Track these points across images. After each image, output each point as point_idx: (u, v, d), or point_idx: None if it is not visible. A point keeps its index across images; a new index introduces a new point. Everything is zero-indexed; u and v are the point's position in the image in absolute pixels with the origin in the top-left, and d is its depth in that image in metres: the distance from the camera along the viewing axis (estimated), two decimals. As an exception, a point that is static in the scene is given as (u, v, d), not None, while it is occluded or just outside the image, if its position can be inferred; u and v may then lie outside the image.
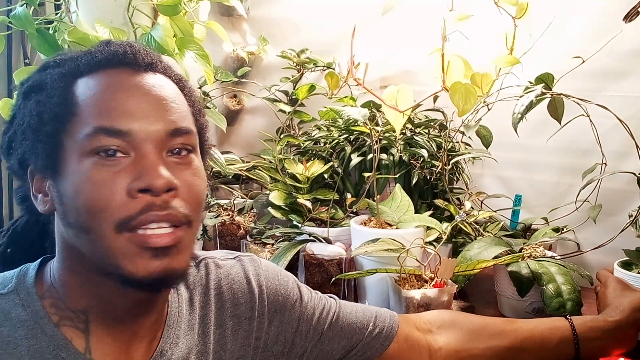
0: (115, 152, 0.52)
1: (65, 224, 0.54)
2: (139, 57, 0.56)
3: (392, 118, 1.05)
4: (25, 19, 0.91)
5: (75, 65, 0.54)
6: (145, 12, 1.05)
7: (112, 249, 0.51)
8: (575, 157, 1.25)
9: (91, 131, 0.51)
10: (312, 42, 1.50)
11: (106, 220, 0.51)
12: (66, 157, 0.52)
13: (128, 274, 0.52)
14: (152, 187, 0.51)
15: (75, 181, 0.51)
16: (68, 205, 0.52)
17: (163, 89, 0.56)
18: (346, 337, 0.73)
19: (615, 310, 0.80)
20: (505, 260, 0.96)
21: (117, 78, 0.54)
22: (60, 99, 0.53)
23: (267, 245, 1.17)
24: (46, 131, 0.53)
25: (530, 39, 1.04)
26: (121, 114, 0.52)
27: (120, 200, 0.51)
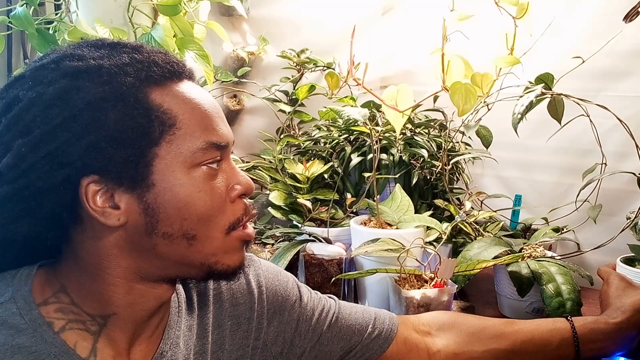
0: (219, 162, 0.56)
1: (150, 234, 0.54)
2: (187, 68, 0.58)
3: (392, 118, 1.05)
4: (25, 19, 0.91)
5: (145, 77, 0.53)
6: (145, 12, 1.05)
7: (219, 249, 0.57)
8: (575, 157, 1.25)
9: (204, 145, 0.54)
10: (312, 42, 1.50)
11: (218, 224, 0.56)
12: (162, 168, 0.53)
13: (226, 267, 0.58)
14: (248, 192, 0.59)
15: (186, 192, 0.54)
16: (168, 216, 0.53)
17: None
18: (345, 339, 0.73)
19: (617, 312, 0.78)
20: (505, 260, 0.96)
21: (194, 91, 0.56)
22: (146, 113, 0.52)
23: (267, 245, 1.17)
24: (135, 145, 0.52)
25: (531, 39, 1.04)
26: (219, 128, 0.56)
27: (226, 206, 0.57)
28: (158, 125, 0.52)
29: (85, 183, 0.51)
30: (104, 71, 0.52)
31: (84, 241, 0.54)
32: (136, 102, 0.52)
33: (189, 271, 0.57)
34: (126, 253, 0.55)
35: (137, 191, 0.53)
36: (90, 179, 0.51)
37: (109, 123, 0.51)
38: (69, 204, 0.52)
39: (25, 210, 0.52)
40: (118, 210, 0.53)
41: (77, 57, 0.53)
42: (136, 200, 0.53)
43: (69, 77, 0.52)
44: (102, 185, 0.52)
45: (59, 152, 0.50)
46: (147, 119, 0.52)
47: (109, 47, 0.55)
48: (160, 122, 0.53)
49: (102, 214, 0.52)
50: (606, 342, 0.76)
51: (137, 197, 0.53)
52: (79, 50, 0.54)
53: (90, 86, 0.51)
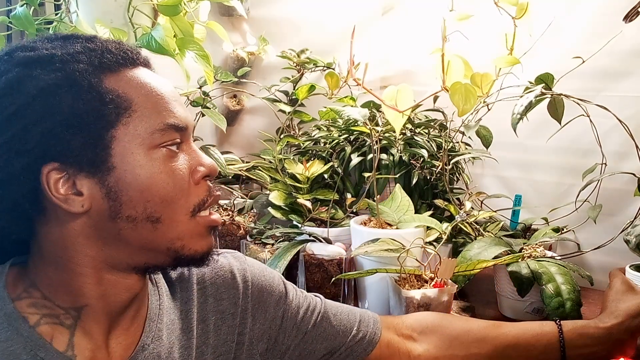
0: (179, 145, 0.57)
1: (114, 218, 0.54)
2: (142, 56, 0.59)
3: (392, 118, 1.05)
4: (25, 19, 0.91)
5: (99, 63, 0.54)
6: (146, 12, 1.05)
7: (184, 232, 0.57)
8: (575, 157, 1.25)
9: (162, 127, 0.55)
10: (312, 42, 1.50)
11: (182, 207, 0.56)
12: (120, 150, 0.53)
13: (194, 252, 0.58)
14: (212, 174, 0.59)
15: (147, 174, 0.54)
16: (130, 198, 0.53)
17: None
18: (329, 339, 0.73)
19: (610, 316, 0.76)
20: (505, 260, 0.96)
21: (149, 76, 0.57)
22: (99, 97, 0.53)
23: (267, 245, 1.17)
24: (92, 129, 0.52)
25: (530, 39, 1.04)
26: (177, 111, 0.57)
27: (190, 187, 0.57)
28: (113, 108, 0.53)
29: (46, 171, 0.52)
30: (56, 59, 0.53)
31: (49, 232, 0.55)
32: (90, 87, 0.53)
33: (156, 257, 0.57)
34: (92, 241, 0.55)
35: (98, 175, 0.53)
36: (50, 167, 0.52)
37: (64, 108, 0.51)
38: (31, 194, 0.52)
39: (13, 204, 0.52)
40: (81, 197, 0.53)
41: (29, 48, 0.54)
42: (98, 185, 0.53)
43: (21, 66, 0.52)
44: (63, 172, 0.52)
45: (16, 141, 0.51)
46: (102, 103, 0.53)
47: (62, 39, 0.56)
48: (115, 105, 0.53)
49: (65, 201, 0.52)
50: (595, 346, 0.75)
51: (99, 182, 0.53)
52: (32, 42, 0.55)
53: (43, 73, 0.52)
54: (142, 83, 0.56)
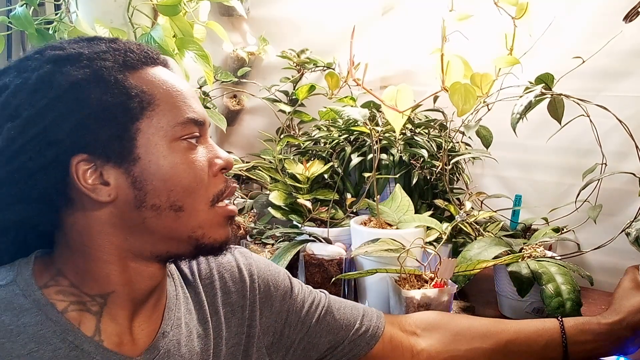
0: (197, 139, 0.60)
1: (140, 207, 0.56)
2: (161, 56, 0.62)
3: (392, 118, 1.05)
4: (25, 19, 0.91)
5: (123, 61, 0.57)
6: (145, 12, 1.05)
7: (205, 221, 0.59)
8: (575, 157, 1.25)
9: (183, 120, 0.58)
10: (312, 42, 1.50)
11: (202, 196, 0.59)
12: (144, 142, 0.56)
13: (213, 241, 0.60)
14: (229, 167, 0.62)
15: (170, 164, 0.57)
16: (155, 187, 0.56)
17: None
18: (333, 332, 0.75)
19: (612, 313, 0.77)
20: (505, 260, 0.96)
21: (168, 74, 0.61)
22: (124, 91, 0.56)
23: (267, 245, 1.17)
24: (119, 121, 0.55)
25: (530, 39, 1.04)
26: (196, 106, 0.60)
27: (209, 179, 0.60)
28: (138, 102, 0.56)
29: (75, 162, 0.54)
30: (84, 57, 0.56)
31: (76, 222, 0.57)
32: (116, 83, 0.55)
33: (178, 246, 0.59)
34: (118, 230, 0.57)
35: (124, 166, 0.55)
36: (79, 158, 0.54)
37: (93, 102, 0.54)
38: (60, 185, 0.55)
39: (18, 194, 0.54)
40: (108, 187, 0.55)
41: (58, 48, 0.57)
42: (124, 175, 0.56)
43: (52, 63, 0.55)
44: (91, 163, 0.55)
45: (47, 132, 0.53)
46: (127, 97, 0.56)
47: (87, 40, 0.59)
48: (139, 99, 0.56)
49: (93, 191, 0.55)
50: (597, 342, 0.75)
51: (125, 172, 0.56)
52: (60, 43, 0.58)
53: (72, 69, 0.54)
54: (162, 80, 0.59)
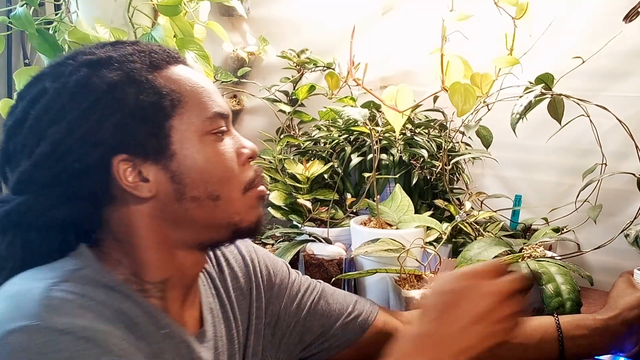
0: (224, 131, 0.63)
1: (181, 199, 0.59)
2: (181, 55, 0.65)
3: (392, 118, 1.05)
4: (25, 19, 0.91)
5: (149, 62, 0.59)
6: (146, 12, 1.05)
7: (240, 207, 0.63)
8: (575, 157, 1.25)
9: (211, 115, 0.61)
10: (312, 42, 1.50)
11: (235, 184, 0.62)
12: (178, 138, 0.59)
13: (249, 223, 0.63)
14: (255, 155, 0.65)
15: (203, 157, 0.60)
16: (193, 180, 0.59)
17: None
18: (325, 316, 0.77)
19: (608, 310, 0.79)
20: (505, 260, 0.96)
21: (191, 72, 0.63)
22: (156, 90, 0.58)
23: (267, 245, 1.17)
24: (154, 120, 0.58)
25: (530, 39, 1.04)
26: (220, 100, 0.63)
27: (240, 168, 0.63)
28: (169, 100, 0.59)
29: (116, 162, 0.56)
30: (114, 60, 0.58)
31: (123, 217, 0.59)
32: (147, 82, 0.58)
33: (218, 233, 0.63)
34: (163, 222, 0.60)
35: (162, 162, 0.58)
36: (119, 157, 0.57)
37: (130, 102, 0.56)
38: (103, 184, 0.57)
39: (64, 194, 0.56)
40: (148, 183, 0.58)
41: (88, 53, 0.59)
42: (162, 171, 0.58)
43: (87, 66, 0.57)
44: (130, 162, 0.57)
45: (92, 133, 0.55)
46: (160, 96, 0.58)
47: (111, 45, 0.62)
48: (170, 98, 0.59)
49: (135, 188, 0.57)
50: (593, 337, 0.77)
51: (163, 168, 0.58)
52: (88, 49, 0.61)
53: (107, 72, 0.57)
54: (187, 78, 0.61)
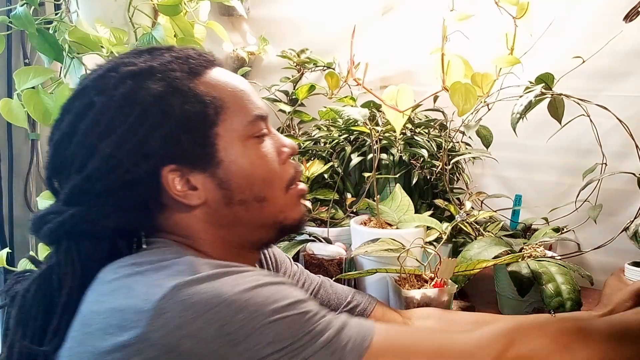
0: (265, 134, 0.63)
1: (229, 204, 0.60)
2: (215, 56, 0.65)
3: (392, 118, 1.05)
4: (25, 19, 0.90)
5: (188, 69, 0.59)
6: (146, 12, 1.05)
7: (284, 206, 0.64)
8: (575, 157, 1.25)
9: (252, 119, 0.61)
10: (312, 42, 1.50)
11: (278, 184, 0.63)
12: (224, 145, 0.59)
13: (293, 220, 0.65)
14: (295, 152, 0.66)
15: (247, 161, 0.60)
16: (239, 184, 0.60)
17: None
18: (325, 305, 0.79)
19: (602, 306, 0.81)
20: (505, 260, 0.96)
21: (228, 74, 0.63)
22: (199, 99, 0.58)
23: (267, 245, 1.17)
24: (200, 129, 0.58)
25: (531, 39, 1.04)
26: (259, 102, 0.64)
27: (281, 167, 0.64)
28: (213, 108, 0.59)
29: (165, 172, 0.57)
30: (155, 70, 0.58)
31: (178, 223, 0.60)
32: (189, 91, 0.58)
33: (267, 232, 0.64)
34: (216, 226, 0.61)
35: (209, 170, 0.59)
36: (168, 168, 0.57)
37: (176, 112, 0.57)
38: (154, 193, 0.58)
39: (116, 204, 0.57)
40: (196, 191, 0.59)
41: (129, 63, 0.59)
42: (210, 178, 0.59)
43: (130, 79, 0.57)
44: (178, 172, 0.58)
45: (141, 145, 0.56)
46: (203, 105, 0.58)
47: (148, 52, 0.62)
48: (213, 105, 0.59)
49: (184, 197, 0.59)
50: None
51: (210, 175, 0.59)
52: (126, 58, 0.60)
53: (151, 83, 0.57)
54: (226, 82, 0.62)
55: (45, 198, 0.98)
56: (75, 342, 0.52)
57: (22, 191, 1.22)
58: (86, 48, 0.95)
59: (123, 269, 0.54)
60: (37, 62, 1.19)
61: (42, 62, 1.01)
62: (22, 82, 0.90)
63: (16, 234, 1.20)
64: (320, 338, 0.49)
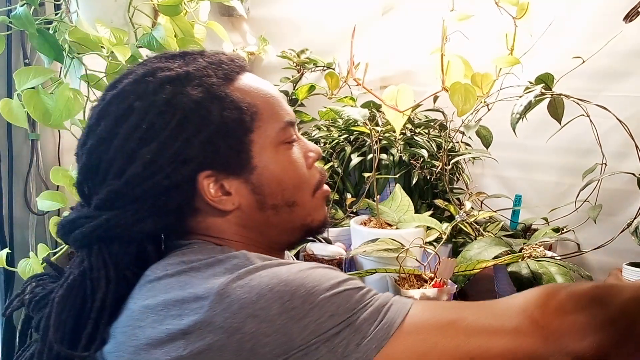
0: (295, 140, 0.64)
1: (262, 208, 0.61)
2: (244, 60, 0.65)
3: (392, 118, 1.05)
4: (25, 19, 0.90)
5: (223, 75, 0.60)
6: (146, 12, 1.05)
7: (311, 209, 0.65)
8: (575, 157, 1.25)
9: (283, 125, 0.62)
10: (312, 42, 1.50)
11: (306, 189, 0.64)
12: (258, 151, 0.60)
13: (319, 222, 0.66)
14: (319, 157, 0.67)
15: (279, 168, 0.61)
16: (272, 190, 0.61)
17: None
18: None
19: None
20: (505, 260, 0.96)
21: (258, 80, 0.63)
22: (236, 105, 0.59)
23: (267, 245, 1.17)
24: (237, 135, 0.58)
25: (531, 39, 1.04)
26: (288, 107, 0.65)
27: (308, 172, 0.65)
28: (248, 115, 0.59)
29: (201, 178, 0.58)
30: (191, 76, 0.58)
31: (210, 227, 0.61)
32: (227, 97, 0.58)
33: (294, 235, 0.66)
34: (249, 229, 0.62)
35: (243, 176, 0.60)
36: (205, 174, 0.58)
37: (215, 119, 0.57)
38: (189, 198, 0.59)
39: (151, 209, 0.57)
40: (230, 196, 0.60)
41: (165, 69, 0.59)
42: (244, 184, 0.60)
43: (170, 84, 0.57)
44: (213, 177, 0.58)
45: (181, 152, 0.56)
46: (240, 111, 0.59)
47: (181, 57, 0.61)
48: (248, 112, 0.59)
49: (218, 202, 0.59)
50: None
51: (245, 181, 0.60)
52: (160, 63, 0.60)
53: (191, 89, 0.57)
54: (258, 88, 0.62)
55: (45, 198, 0.98)
56: (125, 337, 0.52)
57: (22, 191, 1.22)
58: (86, 48, 0.95)
59: (173, 266, 0.55)
60: (37, 62, 1.19)
61: (42, 62, 1.01)
62: (22, 82, 0.90)
63: (16, 234, 1.20)
64: (371, 308, 0.52)
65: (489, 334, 0.50)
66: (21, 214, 1.21)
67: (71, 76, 0.97)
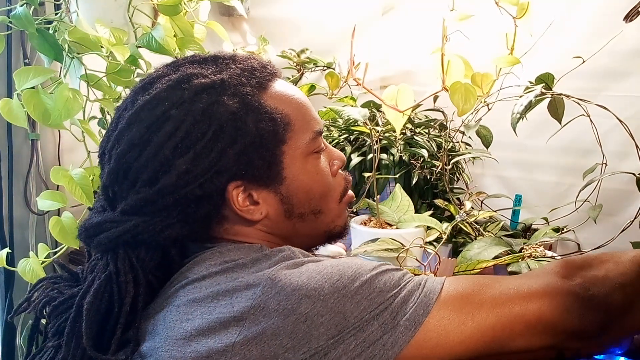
0: (323, 149, 0.65)
1: (289, 217, 0.62)
2: (275, 66, 0.65)
3: (392, 118, 1.05)
4: (25, 18, 0.90)
5: (256, 83, 0.59)
6: (146, 12, 1.05)
7: (336, 216, 0.67)
8: (575, 157, 1.25)
9: (313, 136, 0.62)
10: (312, 42, 1.50)
11: (332, 197, 0.66)
12: (288, 162, 0.60)
13: (340, 228, 0.68)
14: (344, 164, 0.69)
15: (307, 178, 0.62)
16: (299, 199, 0.62)
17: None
18: None
19: None
20: (505, 260, 0.96)
21: (288, 86, 0.63)
22: (270, 116, 0.58)
23: (267, 245, 1.17)
24: (270, 146, 0.59)
25: (531, 39, 1.04)
26: (317, 116, 0.65)
27: (334, 180, 0.66)
28: (281, 126, 0.59)
29: (231, 188, 0.58)
30: (226, 84, 0.58)
31: (238, 233, 0.61)
32: (261, 108, 0.58)
33: (318, 240, 0.68)
34: (275, 236, 0.63)
35: (272, 186, 0.60)
36: (235, 184, 0.58)
37: (250, 130, 0.57)
38: (218, 206, 0.59)
39: (179, 216, 0.57)
40: (258, 206, 0.60)
41: (200, 75, 0.59)
42: (273, 194, 0.61)
43: (205, 92, 0.57)
44: (242, 187, 0.59)
45: (215, 162, 0.56)
46: (273, 122, 0.59)
47: (213, 61, 0.61)
48: (282, 123, 0.59)
49: (247, 212, 0.60)
50: None
51: (274, 192, 0.61)
52: (192, 69, 0.59)
53: (227, 99, 0.57)
54: (289, 96, 0.62)
55: (45, 198, 0.98)
56: (171, 331, 0.52)
57: (22, 191, 1.22)
58: (86, 48, 0.95)
59: (215, 266, 0.55)
60: (37, 62, 1.20)
61: (42, 62, 1.01)
62: (22, 82, 0.90)
63: (16, 234, 1.20)
64: (412, 283, 0.54)
65: (523, 299, 0.52)
66: (21, 214, 1.21)
67: (71, 76, 0.97)
